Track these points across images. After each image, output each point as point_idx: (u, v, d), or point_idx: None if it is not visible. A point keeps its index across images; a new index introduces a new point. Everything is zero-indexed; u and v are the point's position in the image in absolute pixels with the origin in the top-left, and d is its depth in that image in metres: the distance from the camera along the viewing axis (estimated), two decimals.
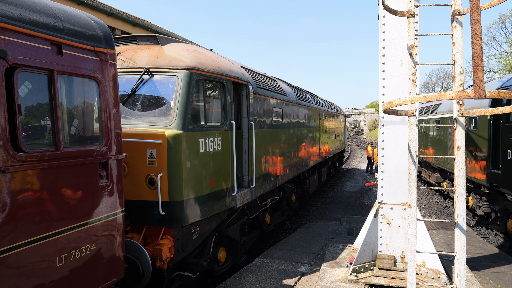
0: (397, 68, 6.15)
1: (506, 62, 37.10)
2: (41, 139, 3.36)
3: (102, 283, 3.85)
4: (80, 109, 3.76)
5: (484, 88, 3.29)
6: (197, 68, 5.59)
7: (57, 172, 3.32)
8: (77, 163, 3.53)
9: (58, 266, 3.33)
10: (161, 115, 5.36)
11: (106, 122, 3.89)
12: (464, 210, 4.00)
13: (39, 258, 3.16)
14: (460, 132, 4.00)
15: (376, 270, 6.24)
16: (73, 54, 3.51)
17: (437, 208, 14.01)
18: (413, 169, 4.09)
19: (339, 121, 21.62)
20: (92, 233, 3.71)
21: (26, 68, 3.08)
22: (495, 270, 7.05)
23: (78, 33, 3.59)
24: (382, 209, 6.36)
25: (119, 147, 4.07)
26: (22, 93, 3.07)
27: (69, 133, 3.59)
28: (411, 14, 4.02)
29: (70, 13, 3.64)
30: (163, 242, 5.12)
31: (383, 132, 6.32)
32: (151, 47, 5.80)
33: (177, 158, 5.10)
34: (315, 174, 14.98)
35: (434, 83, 72.46)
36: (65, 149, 3.40)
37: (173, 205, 5.10)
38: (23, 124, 3.08)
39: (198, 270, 5.80)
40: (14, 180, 2.92)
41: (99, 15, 11.78)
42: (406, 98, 3.64)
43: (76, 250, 3.53)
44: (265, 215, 9.08)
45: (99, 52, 3.80)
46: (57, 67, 3.32)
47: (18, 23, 3.01)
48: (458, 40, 3.94)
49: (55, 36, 3.32)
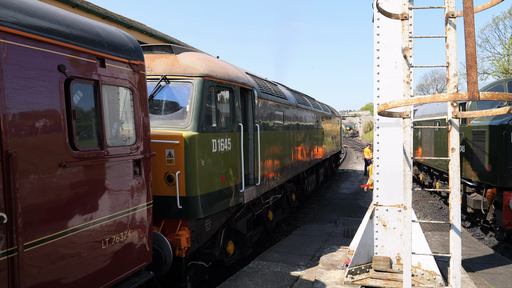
0: (392, 70, 6.17)
1: (500, 64, 37.36)
2: (89, 140, 3.86)
3: (134, 266, 4.38)
4: (118, 114, 4.34)
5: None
6: (209, 75, 6.11)
7: (102, 167, 3.88)
8: (117, 161, 4.09)
9: (103, 248, 3.87)
10: (178, 118, 5.86)
11: (138, 125, 4.46)
12: (459, 212, 4.02)
13: (88, 240, 3.69)
14: (455, 134, 4.02)
15: (372, 272, 6.24)
16: (113, 66, 4.07)
17: (432, 209, 14.06)
18: (408, 170, 4.10)
19: (335, 123, 22.05)
20: (128, 221, 4.25)
21: (79, 79, 3.64)
22: (490, 271, 7.08)
23: (116, 48, 4.13)
24: (377, 211, 6.37)
25: (148, 147, 4.62)
26: (76, 101, 3.64)
27: (111, 135, 4.14)
28: (405, 17, 4.04)
29: (108, 30, 4.19)
30: (181, 233, 5.61)
31: (378, 134, 6.33)
32: (166, 56, 6.31)
33: (193, 157, 5.60)
34: (313, 174, 15.41)
35: (428, 85, 72.83)
36: (107, 148, 3.95)
37: (189, 200, 5.58)
38: (76, 127, 3.62)
39: (211, 259, 6.35)
40: (71, 173, 3.50)
41: (93, 17, 11.73)
42: (400, 100, 3.65)
43: (116, 236, 4.06)
44: (268, 212, 9.57)
45: (132, 64, 4.37)
46: (101, 78, 3.88)
47: (73, 42, 3.57)
48: (452, 42, 3.96)
49: (99, 51, 3.87)
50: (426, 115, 15.09)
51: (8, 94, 2.95)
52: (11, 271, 2.96)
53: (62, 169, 3.39)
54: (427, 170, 16.19)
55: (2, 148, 2.89)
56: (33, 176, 3.14)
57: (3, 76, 2.92)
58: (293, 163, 10.87)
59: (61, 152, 3.39)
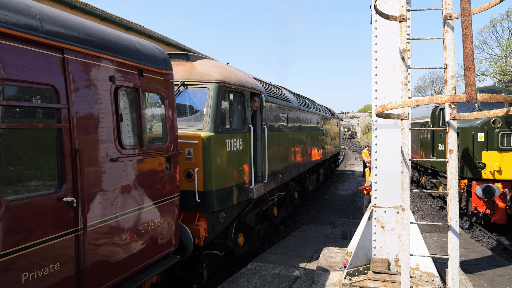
0: (390, 71, 6.18)
1: (497, 65, 37.49)
2: (132, 139, 4.44)
3: (165, 250, 4.95)
4: (153, 117, 5.03)
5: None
6: (223, 81, 6.71)
7: (142, 163, 4.48)
8: (153, 157, 4.69)
9: (142, 232, 4.46)
10: (196, 120, 6.47)
11: (169, 126, 5.06)
12: (457, 213, 4.01)
13: (132, 224, 4.28)
14: (453, 136, 4.01)
15: (370, 273, 6.23)
16: (149, 76, 4.68)
17: (430, 211, 14.06)
18: (406, 172, 4.10)
19: (334, 125, 22.71)
20: (161, 210, 4.84)
21: (124, 88, 4.25)
22: (488, 272, 7.08)
23: (151, 59, 4.74)
24: (375, 213, 6.37)
25: (176, 146, 5.19)
26: (121, 106, 4.23)
27: (148, 135, 4.79)
28: (403, 19, 4.05)
29: (143, 45, 4.80)
30: (199, 224, 6.16)
31: (376, 136, 6.33)
32: (184, 64, 6.91)
33: (210, 155, 6.17)
34: (314, 174, 16.11)
35: (426, 87, 73.04)
36: (146, 146, 4.54)
37: (206, 194, 6.16)
38: (122, 128, 4.21)
39: (224, 249, 7.00)
40: (119, 167, 4.10)
41: (92, 19, 11.70)
42: (398, 102, 3.65)
43: (152, 222, 4.64)
44: (273, 208, 10.20)
45: (163, 73, 4.97)
46: (140, 86, 4.49)
47: (119, 56, 4.18)
48: (449, 44, 3.96)
49: (138, 63, 4.49)
50: (414, 118, 17.21)
51: (75, 101, 3.56)
52: (77, 246, 3.51)
53: (113, 163, 4.00)
54: (414, 167, 18.19)
55: (72, 145, 3.48)
56: (92, 169, 3.73)
57: (71, 86, 3.52)
58: (295, 162, 11.44)
59: (112, 149, 4.01)
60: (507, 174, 10.36)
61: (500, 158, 10.37)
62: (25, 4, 3.32)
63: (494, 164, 10.41)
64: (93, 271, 3.69)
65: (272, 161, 8.87)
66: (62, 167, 3.42)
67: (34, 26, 3.25)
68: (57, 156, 3.41)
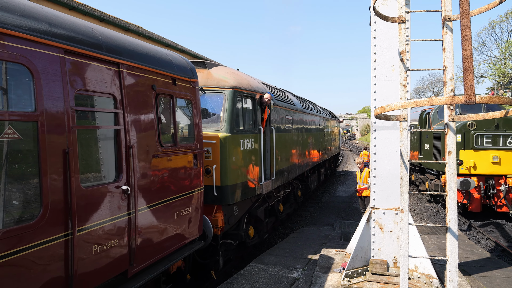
0: (389, 73, 6.18)
1: (496, 67, 37.59)
2: (168, 138, 5.15)
3: (192, 236, 5.64)
4: (183, 119, 5.82)
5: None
6: (237, 87, 7.40)
7: (175, 158, 5.19)
8: (184, 154, 5.41)
9: (175, 218, 5.17)
10: (213, 122, 7.15)
11: (196, 128, 5.78)
12: (456, 215, 4.01)
13: (169, 210, 5.02)
14: (451, 137, 4.01)
15: (368, 275, 6.23)
16: (180, 84, 5.41)
17: (429, 213, 14.07)
18: (405, 174, 4.10)
19: (334, 126, 23.28)
20: (190, 200, 5.54)
21: (162, 95, 4.98)
22: (486, 274, 7.09)
23: (181, 70, 5.46)
24: (374, 214, 6.37)
25: (201, 144, 5.90)
26: (160, 110, 4.93)
27: (180, 135, 5.53)
28: (402, 20, 4.05)
29: (175, 57, 5.52)
30: (217, 215, 6.83)
31: (375, 137, 6.33)
32: (201, 70, 7.49)
33: (226, 153, 6.84)
34: (315, 173, 16.83)
35: (425, 88, 73.16)
36: (178, 145, 5.28)
37: (223, 188, 6.82)
38: (161, 129, 4.88)
39: (238, 239, 7.82)
40: (159, 162, 4.81)
41: (91, 20, 11.67)
42: (397, 103, 3.65)
43: (183, 210, 5.33)
44: (279, 204, 11.01)
45: (191, 82, 5.71)
46: (174, 93, 5.22)
47: (159, 67, 4.91)
48: (448, 46, 3.97)
49: (172, 73, 5.20)
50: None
51: (128, 107, 4.26)
52: (129, 227, 4.20)
53: (155, 158, 4.70)
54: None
55: (127, 142, 4.21)
56: (141, 163, 4.46)
57: (125, 94, 4.22)
58: (299, 162, 12.13)
59: (155, 146, 4.71)
60: (481, 170, 12.08)
61: (475, 156, 12.14)
62: (90, 28, 4.02)
63: (470, 161, 12.12)
64: (140, 248, 4.42)
65: (279, 160, 9.53)
66: (119, 161, 4.14)
67: (98, 45, 3.95)
68: (115, 151, 4.13)
